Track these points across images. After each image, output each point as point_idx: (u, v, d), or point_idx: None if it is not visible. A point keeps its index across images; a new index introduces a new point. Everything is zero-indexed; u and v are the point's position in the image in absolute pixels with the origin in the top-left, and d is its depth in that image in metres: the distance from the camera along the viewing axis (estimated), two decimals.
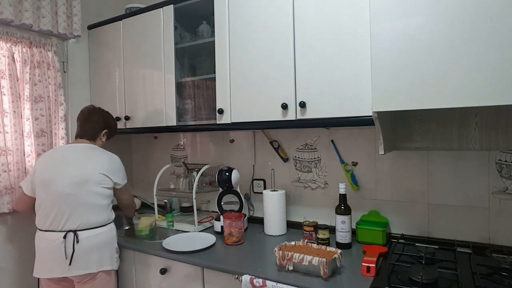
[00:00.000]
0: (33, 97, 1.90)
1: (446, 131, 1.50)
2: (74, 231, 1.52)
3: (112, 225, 1.65)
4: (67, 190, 1.52)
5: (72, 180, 1.53)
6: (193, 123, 1.86)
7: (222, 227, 1.73)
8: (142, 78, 2.00)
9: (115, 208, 1.70)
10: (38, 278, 1.77)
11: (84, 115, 1.74)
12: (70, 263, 1.49)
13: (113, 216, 1.66)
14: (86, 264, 1.52)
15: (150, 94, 1.97)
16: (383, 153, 1.29)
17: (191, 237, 1.75)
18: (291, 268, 1.29)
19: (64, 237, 1.50)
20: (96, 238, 1.55)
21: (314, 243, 1.43)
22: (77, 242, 1.50)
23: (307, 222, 1.62)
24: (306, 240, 1.48)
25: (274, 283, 1.24)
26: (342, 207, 1.55)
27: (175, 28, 1.87)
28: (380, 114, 1.22)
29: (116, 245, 1.66)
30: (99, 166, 1.60)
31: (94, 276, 1.55)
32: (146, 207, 2.37)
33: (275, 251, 1.33)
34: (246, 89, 1.62)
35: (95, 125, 1.71)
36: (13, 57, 1.83)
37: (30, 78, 1.89)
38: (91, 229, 1.55)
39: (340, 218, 1.54)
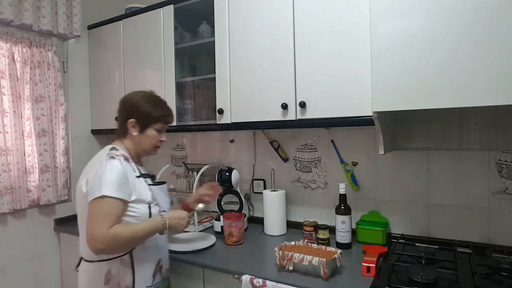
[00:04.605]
0: (33, 97, 1.90)
1: (446, 131, 1.50)
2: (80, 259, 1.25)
3: (104, 266, 1.15)
4: None
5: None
6: (193, 123, 1.86)
7: (222, 227, 1.73)
8: (142, 78, 2.00)
9: None
10: None
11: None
12: None
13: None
14: None
15: None
16: (383, 153, 1.29)
17: (191, 237, 1.75)
18: (291, 268, 1.29)
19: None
20: (80, 276, 1.22)
21: (314, 243, 1.43)
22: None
23: (307, 222, 1.62)
24: (306, 240, 1.48)
25: (274, 283, 1.24)
26: (342, 207, 1.55)
27: (175, 28, 1.87)
28: (380, 114, 1.22)
29: None
30: (84, 171, 1.23)
31: None
32: None
33: (275, 251, 1.33)
34: (246, 89, 1.62)
35: (119, 117, 1.32)
36: (13, 57, 1.83)
37: (30, 78, 1.89)
38: (82, 260, 1.22)
39: (340, 218, 1.54)
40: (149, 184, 1.27)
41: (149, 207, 1.20)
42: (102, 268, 1.15)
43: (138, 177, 1.23)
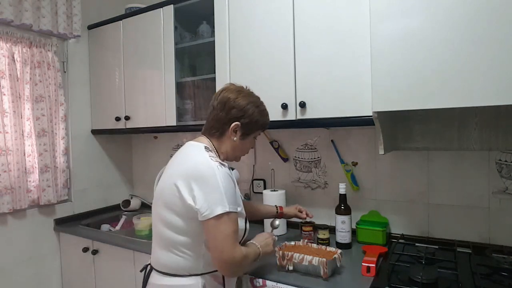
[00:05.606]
0: (33, 97, 1.90)
1: (446, 131, 1.50)
2: (151, 268, 1.16)
3: (199, 280, 1.05)
4: (152, 208, 1.17)
5: (155, 195, 1.16)
6: (193, 123, 1.86)
7: None
8: (142, 78, 2.00)
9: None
10: None
11: (211, 101, 1.21)
12: None
13: (207, 265, 1.07)
14: None
15: (150, 94, 1.96)
16: (383, 153, 1.29)
17: None
18: (291, 268, 1.28)
19: (142, 270, 1.21)
20: None
21: (314, 243, 1.43)
22: (145, 285, 1.16)
23: (304, 222, 1.62)
24: (306, 240, 1.48)
25: (274, 283, 1.24)
26: (342, 207, 1.55)
27: (175, 28, 1.87)
28: (380, 114, 1.22)
29: None
30: (176, 171, 1.08)
31: None
32: (146, 207, 2.37)
33: (275, 251, 1.33)
34: None
35: (219, 115, 1.16)
36: (13, 57, 1.83)
37: (30, 78, 1.89)
38: (161, 274, 1.10)
39: (340, 218, 1.54)
40: None
41: (246, 221, 1.11)
42: (196, 282, 1.06)
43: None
